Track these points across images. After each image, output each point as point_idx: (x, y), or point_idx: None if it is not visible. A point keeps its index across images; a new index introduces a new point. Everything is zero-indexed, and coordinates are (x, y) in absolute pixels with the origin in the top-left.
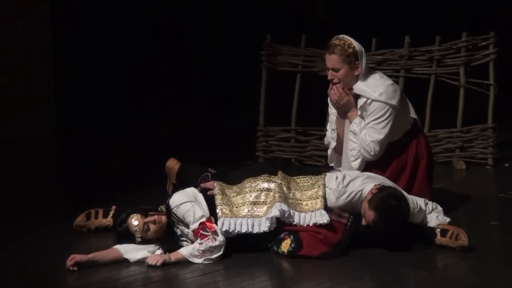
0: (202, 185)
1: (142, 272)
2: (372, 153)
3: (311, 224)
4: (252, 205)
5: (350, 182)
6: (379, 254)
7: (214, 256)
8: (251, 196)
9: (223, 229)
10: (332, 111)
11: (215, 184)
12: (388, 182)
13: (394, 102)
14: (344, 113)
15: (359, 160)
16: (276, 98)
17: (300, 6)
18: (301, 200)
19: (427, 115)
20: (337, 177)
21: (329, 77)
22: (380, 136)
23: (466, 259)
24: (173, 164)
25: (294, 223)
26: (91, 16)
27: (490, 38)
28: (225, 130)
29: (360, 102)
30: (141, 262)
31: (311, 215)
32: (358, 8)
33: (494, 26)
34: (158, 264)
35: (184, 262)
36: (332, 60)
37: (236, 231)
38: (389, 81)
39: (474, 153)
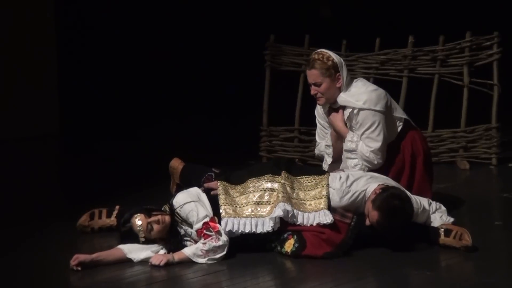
0: (206, 185)
1: (145, 272)
2: (376, 162)
3: (314, 224)
4: (256, 205)
5: (353, 182)
6: (382, 254)
7: (218, 256)
8: (254, 196)
9: (227, 229)
10: (320, 123)
11: (218, 184)
12: (391, 182)
13: (379, 107)
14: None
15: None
16: (279, 98)
17: (304, 5)
18: (304, 200)
19: (431, 115)
20: (340, 177)
21: (312, 92)
22: (378, 144)
23: (470, 259)
24: (176, 164)
25: (298, 223)
26: (95, 17)
27: (493, 38)
28: (228, 130)
29: (347, 113)
30: (144, 262)
31: (315, 215)
32: (361, 7)
33: (498, 26)
34: (161, 264)
35: (188, 262)
36: (313, 75)
37: (240, 231)
38: (372, 87)
39: (478, 153)
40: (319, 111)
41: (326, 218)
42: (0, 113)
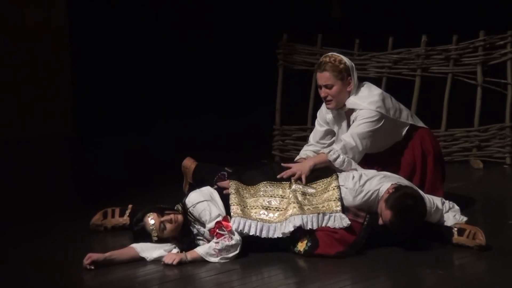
0: (219, 184)
1: (158, 271)
2: (354, 144)
3: (330, 226)
4: (264, 210)
5: (366, 181)
6: (395, 253)
7: (231, 255)
8: (264, 200)
9: (234, 228)
10: (322, 126)
11: (230, 183)
12: (404, 182)
13: (380, 109)
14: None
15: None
16: (292, 97)
17: (316, 4)
18: (317, 204)
19: (444, 114)
20: (353, 177)
21: (323, 95)
22: (362, 132)
23: (483, 258)
24: (189, 163)
25: (314, 228)
26: (108, 16)
27: (507, 37)
28: (241, 129)
29: (353, 117)
30: (157, 261)
31: (329, 216)
32: (374, 6)
33: None
34: (174, 263)
35: (200, 261)
36: (324, 77)
37: (245, 232)
38: (377, 91)
39: (492, 152)
40: (323, 114)
41: (343, 222)
42: (15, 112)
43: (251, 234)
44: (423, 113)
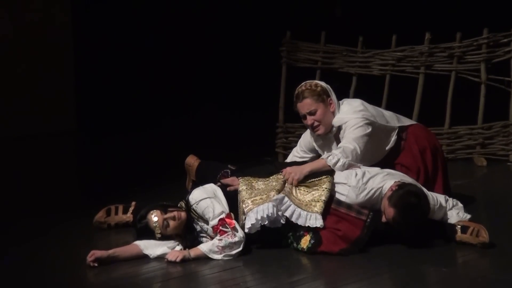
0: (222, 181)
1: (161, 268)
2: (352, 147)
3: (305, 225)
4: (278, 192)
5: (370, 179)
6: (399, 251)
7: (234, 252)
8: (277, 185)
9: (250, 223)
10: (303, 150)
11: (240, 180)
12: (408, 179)
13: (368, 116)
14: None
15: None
16: None
17: (319, 2)
18: (301, 201)
19: (448, 112)
20: (356, 174)
21: (309, 123)
22: (355, 135)
23: (487, 255)
24: (192, 161)
25: (286, 214)
26: (112, 14)
27: (511, 34)
28: (244, 127)
29: (341, 134)
30: (160, 258)
31: (307, 215)
32: (378, 4)
33: None
34: (177, 260)
35: (204, 258)
36: (306, 104)
37: (265, 215)
38: (357, 102)
39: (495, 149)
40: (308, 141)
41: (317, 222)
42: (19, 109)
43: (269, 214)
44: (427, 110)
